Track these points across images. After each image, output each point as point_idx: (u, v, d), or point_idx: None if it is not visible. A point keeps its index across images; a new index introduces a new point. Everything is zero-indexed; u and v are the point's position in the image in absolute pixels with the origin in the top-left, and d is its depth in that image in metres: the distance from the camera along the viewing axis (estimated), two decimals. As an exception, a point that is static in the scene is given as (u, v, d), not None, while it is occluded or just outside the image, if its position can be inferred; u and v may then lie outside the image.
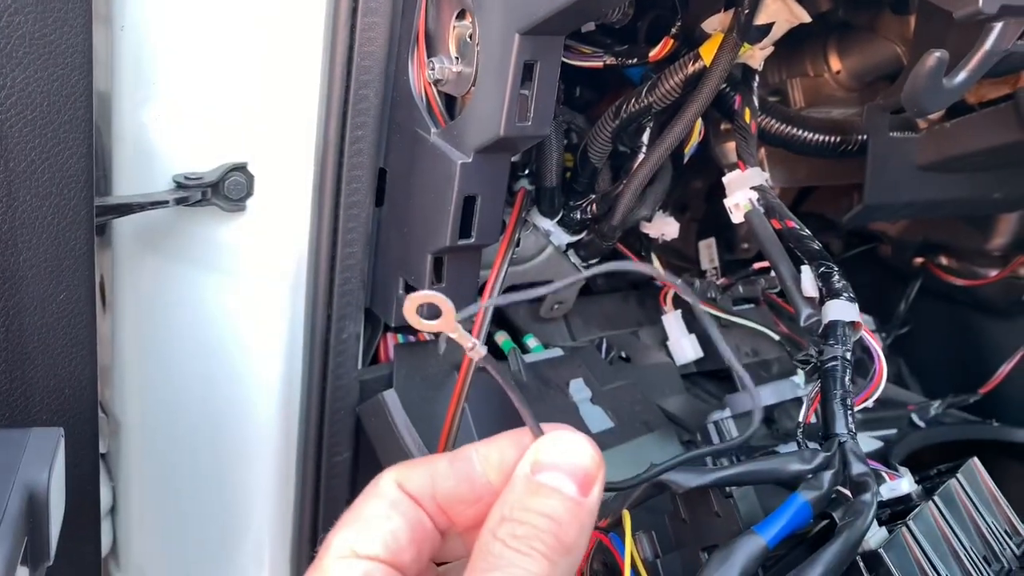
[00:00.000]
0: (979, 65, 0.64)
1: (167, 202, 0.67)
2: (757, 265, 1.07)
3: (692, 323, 1.03)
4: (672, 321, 1.02)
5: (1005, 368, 1.12)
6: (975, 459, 0.66)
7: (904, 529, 0.56)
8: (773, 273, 0.83)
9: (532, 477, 0.42)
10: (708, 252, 1.16)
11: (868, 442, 1.03)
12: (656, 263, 1.01)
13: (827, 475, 0.54)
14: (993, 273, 1.20)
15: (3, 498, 0.38)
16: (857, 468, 0.54)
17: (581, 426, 0.82)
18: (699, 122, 0.82)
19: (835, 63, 0.99)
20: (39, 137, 0.49)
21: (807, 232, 0.68)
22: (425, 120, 0.67)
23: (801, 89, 1.00)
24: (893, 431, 1.04)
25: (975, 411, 1.13)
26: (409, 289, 0.73)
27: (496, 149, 0.63)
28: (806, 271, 0.66)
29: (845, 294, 0.62)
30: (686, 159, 0.87)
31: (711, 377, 1.05)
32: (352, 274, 0.74)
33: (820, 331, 0.63)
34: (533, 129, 0.61)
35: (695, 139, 0.84)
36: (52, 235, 0.51)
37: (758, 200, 0.72)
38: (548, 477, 0.41)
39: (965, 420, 1.10)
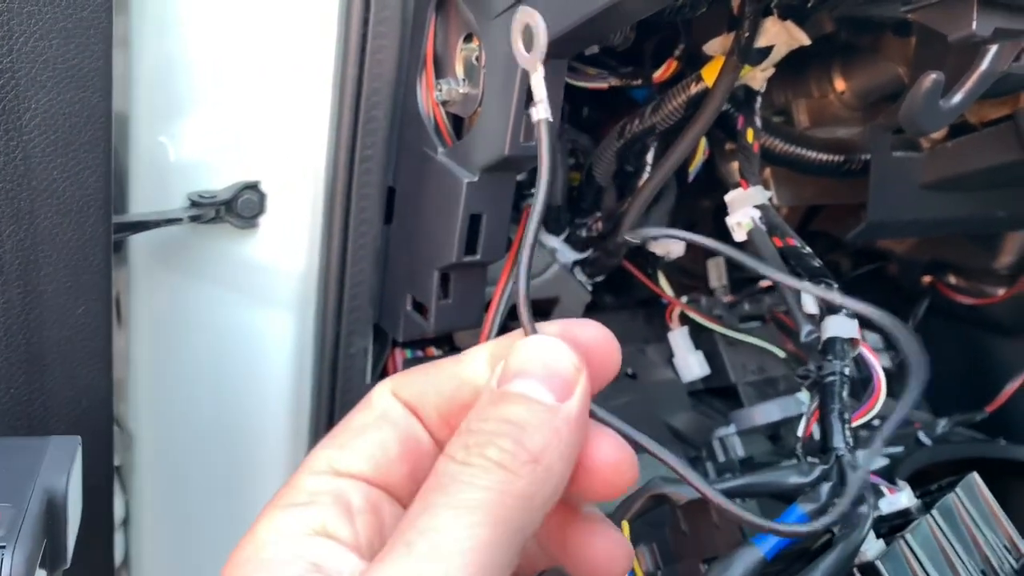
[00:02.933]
0: (975, 86, 0.65)
1: (182, 219, 0.69)
2: (764, 283, 1.08)
3: (699, 340, 1.04)
4: (678, 338, 1.03)
5: (1012, 386, 1.12)
6: (975, 474, 0.67)
7: (901, 542, 0.56)
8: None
9: (498, 387, 0.34)
10: (717, 270, 1.17)
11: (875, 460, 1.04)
12: (663, 281, 1.02)
13: (825, 487, 0.55)
14: (1001, 292, 1.21)
15: (24, 500, 0.40)
16: (854, 480, 0.55)
17: (586, 441, 0.83)
18: (703, 141, 0.84)
19: (839, 84, 1.01)
20: (61, 157, 0.51)
21: (808, 250, 0.70)
22: (433, 140, 0.69)
23: (806, 109, 1.02)
24: (899, 448, 1.05)
25: (982, 429, 1.13)
26: (416, 305, 0.74)
27: (501, 168, 0.64)
28: (806, 288, 0.67)
29: (844, 311, 0.63)
30: (691, 178, 0.89)
31: (718, 394, 1.06)
32: (361, 290, 0.75)
33: (820, 347, 0.64)
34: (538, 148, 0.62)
35: (699, 158, 0.86)
36: (72, 251, 0.53)
37: (760, 218, 0.73)
38: (516, 384, 0.34)
39: (972, 438, 1.10)
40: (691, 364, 1.01)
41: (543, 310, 0.95)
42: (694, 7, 0.58)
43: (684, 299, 1.01)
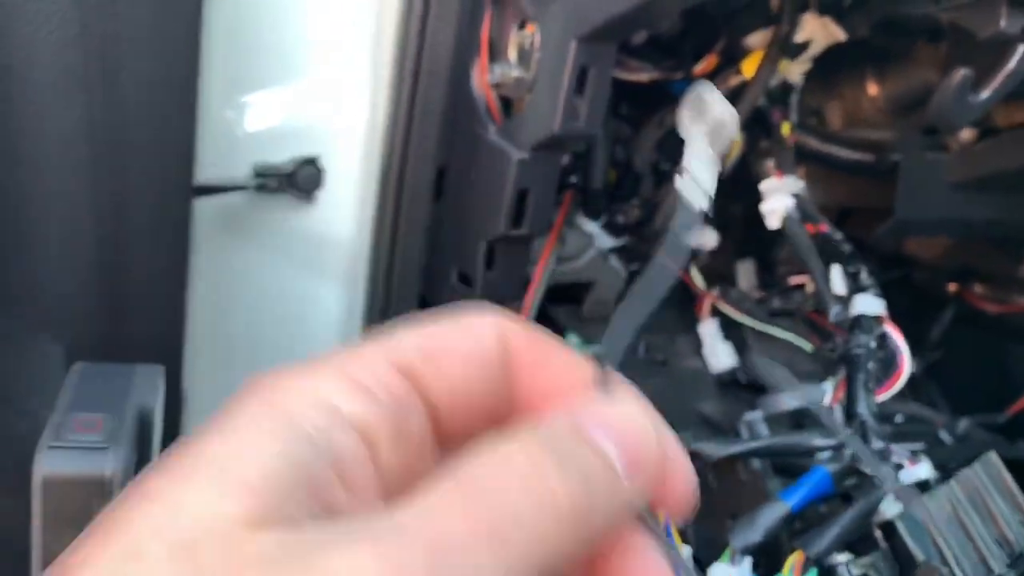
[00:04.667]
0: (1003, 83, 0.69)
1: (248, 187, 0.73)
2: (793, 280, 1.11)
3: (728, 333, 1.07)
4: (708, 328, 1.06)
5: (1034, 391, 1.14)
6: (993, 452, 0.69)
7: (920, 504, 0.59)
8: (808, 288, 0.88)
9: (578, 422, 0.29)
10: (746, 273, 1.20)
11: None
12: (695, 273, 1.06)
13: (848, 450, 0.58)
14: (1026, 300, 1.23)
15: (123, 413, 0.44)
16: (876, 445, 0.58)
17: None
18: (740, 136, 0.88)
19: (872, 88, 1.04)
20: (153, 116, 0.55)
21: (840, 235, 0.73)
22: (485, 120, 0.73)
23: (838, 111, 1.05)
24: (920, 444, 1.07)
25: (1002, 432, 1.15)
26: (462, 278, 0.78)
27: (549, 147, 0.69)
28: (836, 270, 0.70)
29: (872, 289, 0.66)
30: (726, 172, 0.92)
31: (746, 388, 1.09)
32: (410, 266, 0.80)
33: (848, 325, 0.67)
34: (585, 128, 0.66)
35: (735, 152, 0.89)
36: (156, 203, 0.57)
37: (794, 207, 0.76)
38: (598, 432, 0.29)
39: (991, 439, 1.12)
40: (720, 355, 1.04)
41: (577, 295, 0.99)
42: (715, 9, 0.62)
43: (715, 291, 1.04)
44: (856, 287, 0.67)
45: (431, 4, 0.71)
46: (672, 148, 0.87)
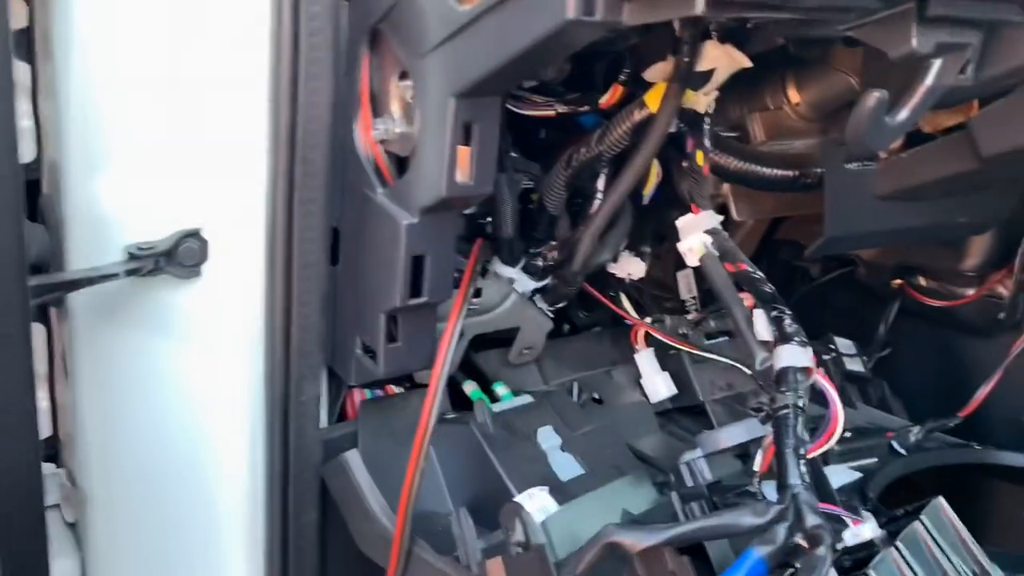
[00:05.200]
0: (920, 102, 0.64)
1: (117, 275, 0.67)
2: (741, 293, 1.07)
3: (666, 360, 1.02)
4: (645, 359, 1.01)
5: (983, 391, 1.11)
6: (940, 499, 0.65)
7: (865, 579, 0.55)
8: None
9: None
10: (686, 282, 1.16)
11: (847, 474, 1.02)
12: (626, 303, 1.01)
13: (781, 528, 0.53)
14: (970, 292, 1.20)
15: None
16: (811, 520, 0.53)
17: (550, 475, 0.81)
18: (655, 165, 0.83)
19: (794, 95, 0.99)
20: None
21: (760, 275, 0.68)
22: (372, 180, 0.67)
23: (761, 123, 1.00)
24: (873, 460, 1.04)
25: (957, 434, 1.12)
26: (367, 348, 0.72)
27: (441, 208, 0.63)
28: (759, 315, 0.65)
29: (796, 338, 0.62)
30: (646, 200, 0.87)
31: (686, 413, 1.04)
32: (309, 335, 0.74)
33: (774, 377, 0.62)
34: (476, 188, 0.61)
35: (653, 181, 0.84)
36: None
37: (712, 243, 0.72)
38: None
39: (946, 445, 1.09)
40: (658, 385, 1.00)
41: (505, 339, 0.93)
42: (624, 39, 0.57)
43: (648, 320, 0.99)
44: (781, 334, 0.62)
45: (300, 59, 0.65)
46: (584, 184, 0.81)
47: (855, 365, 1.28)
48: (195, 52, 0.67)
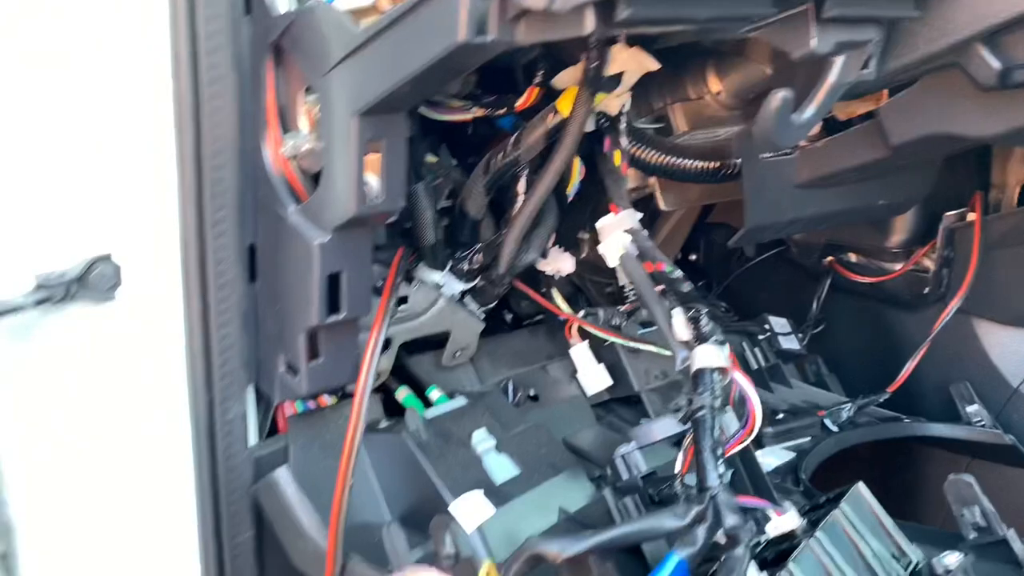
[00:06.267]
0: (825, 99, 0.65)
1: (24, 306, 0.65)
2: (659, 288, 1.08)
3: (601, 351, 1.03)
4: (580, 353, 1.02)
5: (911, 365, 1.14)
6: (860, 484, 0.67)
7: (786, 573, 0.56)
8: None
9: None
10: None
11: (781, 454, 1.04)
12: (558, 298, 1.01)
13: (701, 530, 0.54)
14: (896, 267, 1.23)
15: None
16: (730, 520, 0.55)
17: (485, 479, 0.82)
18: (577, 163, 0.83)
19: (715, 85, 1.00)
20: None
21: (679, 274, 0.69)
22: (283, 198, 0.66)
23: (683, 113, 1.01)
24: (806, 439, 1.06)
25: (889, 407, 1.15)
26: (290, 367, 0.72)
27: (354, 225, 0.62)
28: (677, 314, 0.66)
29: (713, 338, 0.63)
30: (570, 198, 0.87)
31: (624, 402, 1.05)
32: (231, 354, 0.73)
33: (691, 377, 0.63)
34: (386, 205, 0.60)
35: (575, 179, 0.84)
36: None
37: (631, 243, 0.72)
38: None
39: (877, 420, 1.12)
40: (593, 378, 1.01)
41: (436, 343, 0.93)
42: (528, 50, 0.57)
43: (581, 314, 1.00)
44: (697, 334, 0.63)
45: (201, 76, 0.63)
46: (506, 186, 0.81)
47: (790, 343, 1.30)
48: (92, 72, 0.65)
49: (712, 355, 0.61)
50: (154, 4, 0.64)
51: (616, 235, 0.73)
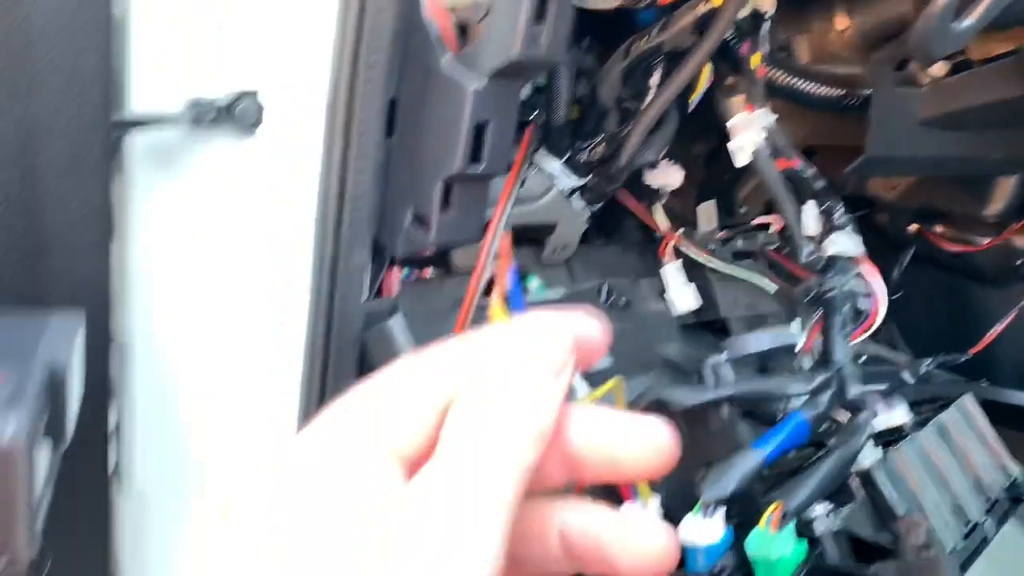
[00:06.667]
0: (987, 10, 0.65)
1: (180, 120, 0.67)
2: (756, 221, 1.08)
3: (691, 275, 1.04)
4: (671, 271, 1.03)
5: (996, 329, 1.14)
6: (970, 394, 0.67)
7: (897, 452, 0.57)
8: (772, 228, 0.85)
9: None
10: (707, 215, 1.17)
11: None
12: (659, 214, 1.02)
13: (825, 396, 0.55)
14: (987, 240, 1.22)
15: (27, 370, 0.39)
16: (854, 391, 0.56)
17: (580, 363, 0.83)
18: (707, 68, 0.83)
19: (841, 22, 1.00)
20: (63, 32, 0.49)
21: (813, 171, 0.70)
22: (437, 49, 0.67)
23: (807, 46, 1.01)
24: (883, 386, 1.06)
25: (964, 372, 1.14)
26: (418, 219, 0.74)
27: (509, 74, 0.64)
28: (809, 208, 0.67)
29: (848, 228, 0.63)
30: (691, 107, 0.88)
31: (708, 327, 1.07)
32: (362, 203, 0.74)
33: (821, 266, 0.64)
34: (547, 55, 0.61)
35: (702, 86, 0.85)
36: (71, 135, 0.52)
37: (765, 141, 0.73)
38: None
39: (954, 380, 1.12)
40: (683, 297, 1.02)
41: (538, 236, 0.95)
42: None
43: (679, 231, 1.01)
44: (830, 225, 0.63)
45: (377, -83, 0.65)
46: (637, 81, 0.82)
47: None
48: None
49: (847, 243, 0.62)
50: None
51: (749, 133, 0.73)
